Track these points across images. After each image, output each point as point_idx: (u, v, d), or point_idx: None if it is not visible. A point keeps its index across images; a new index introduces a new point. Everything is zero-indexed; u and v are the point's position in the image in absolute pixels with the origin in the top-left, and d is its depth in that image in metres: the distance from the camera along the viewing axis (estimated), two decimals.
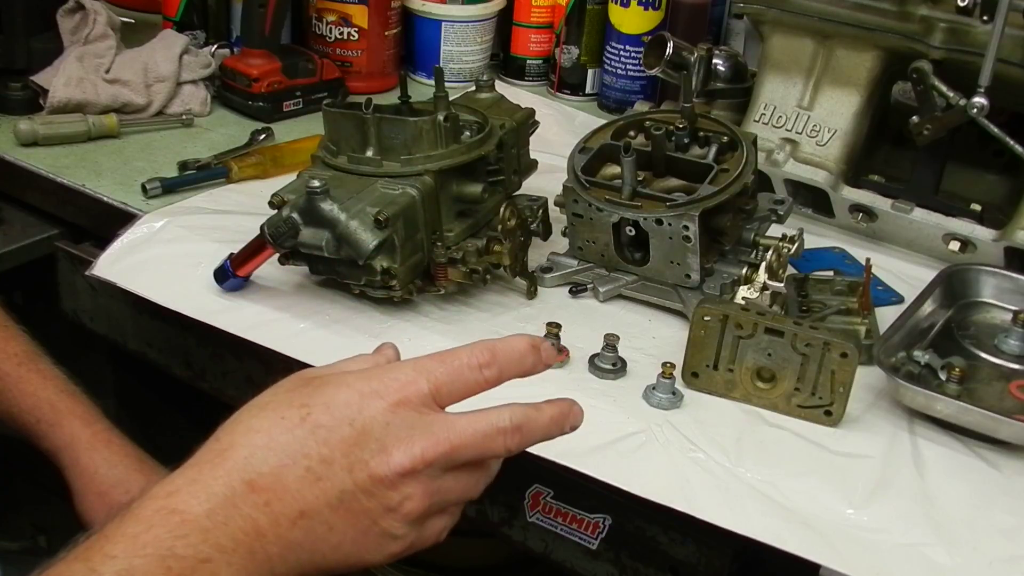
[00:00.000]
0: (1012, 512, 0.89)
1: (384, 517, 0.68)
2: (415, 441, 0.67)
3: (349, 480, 0.66)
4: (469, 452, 0.69)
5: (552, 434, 0.73)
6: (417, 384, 0.69)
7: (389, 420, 0.67)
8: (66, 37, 1.46)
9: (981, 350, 1.06)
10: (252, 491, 0.65)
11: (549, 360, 0.74)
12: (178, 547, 0.63)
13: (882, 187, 1.29)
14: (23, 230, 1.33)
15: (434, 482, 0.69)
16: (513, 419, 0.70)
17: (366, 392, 0.68)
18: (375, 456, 0.67)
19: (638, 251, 1.12)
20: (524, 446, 0.72)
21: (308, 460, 0.66)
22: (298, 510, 0.66)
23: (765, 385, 0.98)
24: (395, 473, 0.67)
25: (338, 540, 0.67)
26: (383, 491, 0.67)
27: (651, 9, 1.57)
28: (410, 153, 1.04)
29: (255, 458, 0.66)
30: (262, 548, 0.65)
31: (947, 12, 1.19)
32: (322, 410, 0.67)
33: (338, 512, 0.67)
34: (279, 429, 0.67)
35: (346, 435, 0.67)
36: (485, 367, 0.70)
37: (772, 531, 0.85)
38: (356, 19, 1.59)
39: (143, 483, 1.10)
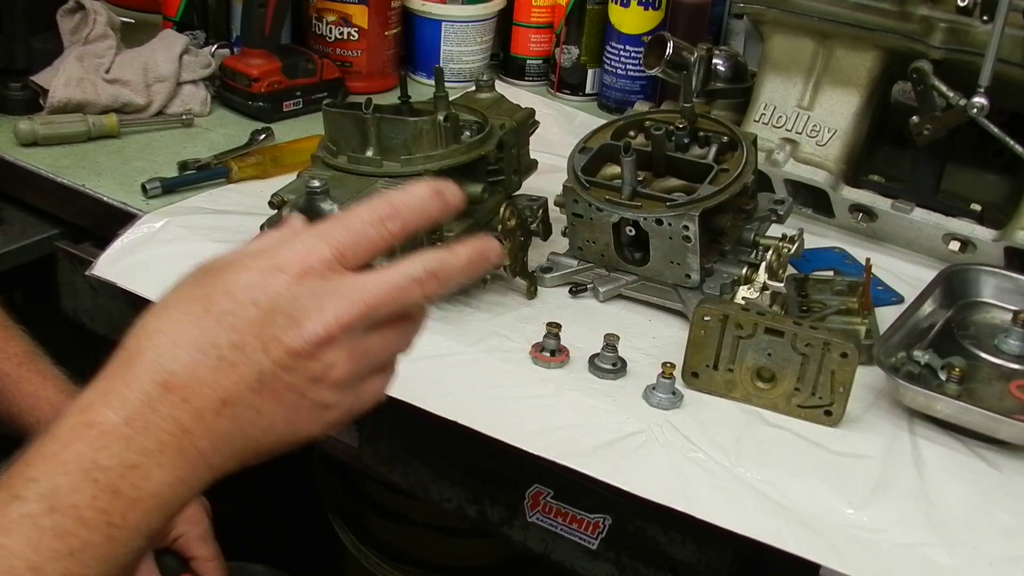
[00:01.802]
0: (1012, 512, 0.89)
1: (311, 389, 0.65)
2: (326, 308, 0.64)
3: (266, 360, 0.64)
4: (387, 308, 0.66)
5: (473, 274, 0.69)
6: (318, 251, 0.65)
7: (295, 293, 0.64)
8: (66, 37, 1.46)
9: (981, 350, 1.06)
10: (168, 391, 0.63)
11: (455, 201, 0.69)
12: (101, 458, 0.62)
13: (882, 187, 1.29)
14: (23, 230, 1.33)
15: (357, 344, 0.66)
16: (427, 266, 0.67)
17: (266, 269, 0.65)
18: (287, 331, 0.64)
19: (638, 251, 1.12)
20: (444, 291, 0.68)
21: (219, 349, 0.64)
22: (219, 400, 0.64)
23: (765, 385, 0.98)
24: (311, 343, 0.64)
25: (268, 421, 0.65)
26: (303, 363, 0.64)
27: (651, 9, 1.57)
28: (410, 153, 1.04)
29: (164, 358, 0.64)
30: (191, 445, 0.63)
31: (947, 12, 1.19)
32: (224, 297, 0.64)
33: (261, 394, 0.64)
34: (184, 324, 0.64)
35: (253, 317, 0.64)
36: (387, 220, 0.66)
37: (772, 531, 0.85)
38: (356, 19, 1.59)
39: None
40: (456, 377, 1.00)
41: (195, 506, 1.12)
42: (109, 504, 0.61)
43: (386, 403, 0.97)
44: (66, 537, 0.60)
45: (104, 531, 0.61)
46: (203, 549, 1.10)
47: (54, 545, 0.60)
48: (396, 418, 1.02)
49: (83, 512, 0.61)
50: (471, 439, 0.94)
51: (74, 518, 0.60)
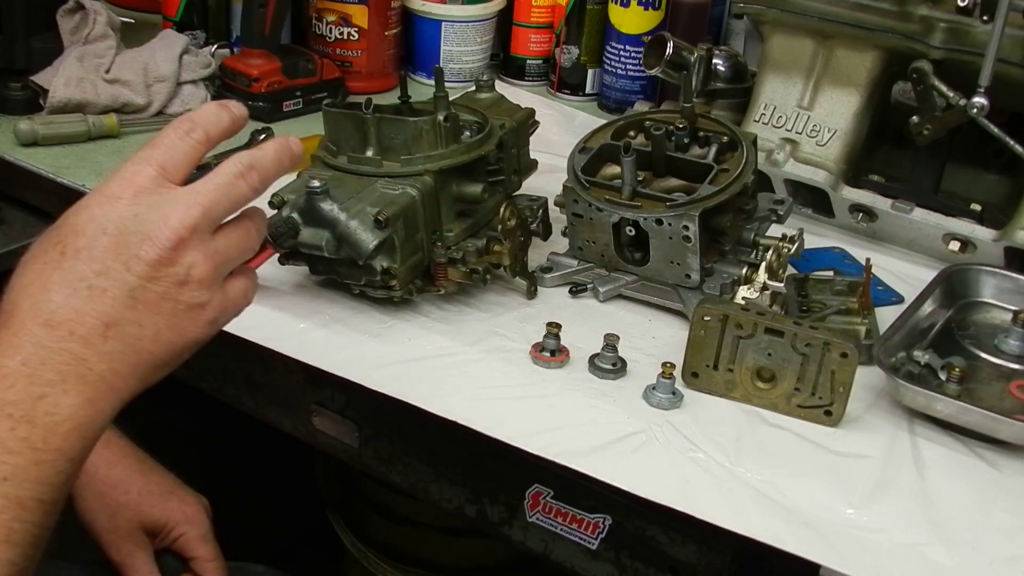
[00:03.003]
0: (1012, 512, 0.89)
1: (181, 291, 0.72)
2: (169, 216, 0.71)
3: (131, 277, 0.70)
4: (221, 205, 0.74)
5: (283, 163, 0.78)
6: (143, 171, 0.73)
7: (136, 212, 0.71)
8: (66, 37, 1.46)
9: (981, 350, 1.06)
10: (52, 328, 0.69)
11: (240, 112, 0.78)
12: (9, 396, 0.67)
13: (882, 187, 1.29)
14: (23, 230, 1.33)
15: (208, 245, 0.73)
16: (242, 161, 0.75)
17: (102, 201, 0.72)
18: (141, 245, 0.70)
19: (638, 251, 1.12)
20: (264, 182, 0.77)
21: (86, 281, 0.70)
22: (102, 324, 0.70)
23: (765, 385, 0.98)
24: (166, 249, 0.71)
25: (153, 332, 0.71)
26: (165, 270, 0.71)
27: (651, 9, 1.57)
28: (410, 153, 1.04)
29: (40, 303, 0.70)
30: (89, 370, 0.69)
31: (947, 12, 1.19)
32: (74, 237, 0.71)
33: (137, 309, 0.71)
34: (48, 270, 0.71)
35: (106, 244, 0.70)
36: (191, 131, 0.75)
37: (772, 531, 0.85)
38: (356, 19, 1.59)
39: (142, 483, 1.10)
40: (456, 377, 1.00)
41: (195, 506, 1.12)
42: (28, 432, 0.67)
43: (386, 403, 0.97)
44: None
45: (30, 456, 0.67)
46: (203, 549, 1.11)
47: None
48: (396, 418, 1.02)
49: (6, 442, 0.67)
50: (471, 439, 0.94)
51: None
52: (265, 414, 1.14)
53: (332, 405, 1.07)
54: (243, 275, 0.78)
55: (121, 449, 1.11)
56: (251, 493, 1.74)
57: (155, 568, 1.09)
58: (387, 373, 1.00)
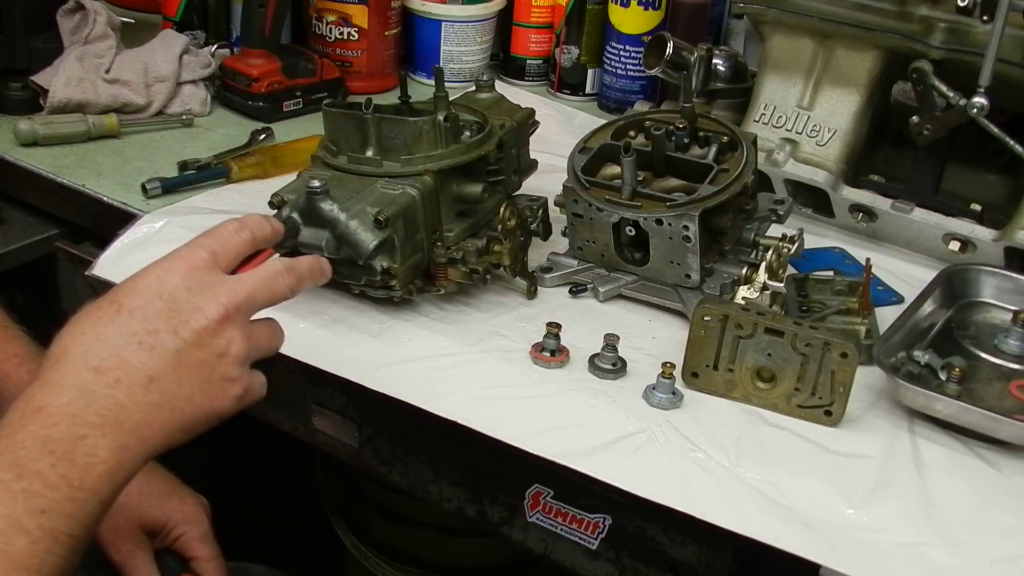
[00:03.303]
0: (1012, 512, 0.89)
1: (219, 363, 0.79)
2: (218, 294, 0.80)
3: (178, 340, 0.78)
4: (263, 295, 0.83)
5: (315, 274, 0.89)
6: (198, 254, 0.81)
7: (189, 284, 0.79)
8: (66, 37, 1.46)
9: (981, 350, 1.06)
10: (100, 374, 0.75)
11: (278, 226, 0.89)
12: (53, 433, 0.72)
13: (882, 187, 1.29)
14: (23, 230, 1.33)
15: (246, 327, 0.81)
16: (283, 264, 0.86)
17: (160, 272, 0.80)
18: (192, 314, 0.78)
19: (638, 251, 1.12)
20: (300, 285, 0.86)
21: (137, 336, 0.77)
22: (146, 376, 0.76)
23: (765, 385, 0.98)
24: (214, 321, 0.79)
25: (189, 393, 0.78)
26: (210, 339, 0.79)
27: (651, 9, 1.57)
28: (410, 153, 1.04)
29: (91, 351, 0.76)
30: (127, 417, 0.75)
31: (947, 12, 1.19)
32: (130, 297, 0.78)
33: (180, 369, 0.77)
34: (101, 324, 0.77)
35: (160, 307, 0.78)
36: (240, 231, 0.84)
37: (772, 531, 0.85)
38: (356, 19, 1.59)
39: (142, 484, 1.10)
40: (456, 377, 1.00)
41: (195, 506, 1.12)
42: (67, 470, 0.72)
43: (386, 403, 0.97)
44: (36, 498, 0.70)
45: (66, 492, 0.71)
46: (203, 549, 1.11)
47: (28, 504, 0.70)
48: (396, 418, 1.02)
49: (47, 477, 0.71)
50: (471, 439, 0.94)
51: (40, 483, 0.71)
52: (265, 414, 1.14)
53: (332, 405, 1.07)
54: (261, 374, 0.85)
55: None
56: (251, 493, 1.74)
57: (155, 568, 1.09)
58: (387, 373, 1.00)
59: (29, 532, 0.69)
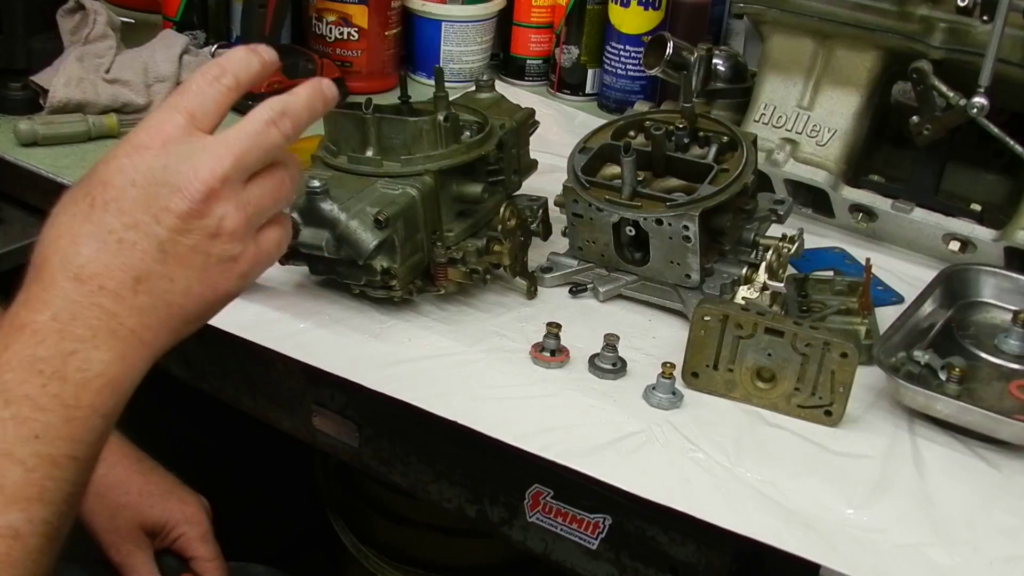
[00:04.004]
0: (1012, 512, 0.89)
1: (213, 244, 0.70)
2: (199, 167, 0.69)
3: (161, 230, 0.68)
4: (253, 153, 0.71)
5: (316, 108, 0.75)
6: (171, 119, 0.70)
7: (164, 162, 0.69)
8: (66, 37, 1.46)
9: (981, 350, 1.06)
10: (82, 282, 0.67)
11: (269, 56, 0.74)
12: (40, 352, 0.66)
13: (882, 187, 1.29)
14: (23, 230, 1.33)
15: (240, 195, 0.70)
16: (274, 108, 0.72)
17: (130, 151, 0.70)
18: (171, 197, 0.68)
19: (638, 251, 1.12)
20: (297, 128, 0.73)
21: (115, 234, 0.68)
22: (132, 278, 0.68)
23: (765, 385, 0.98)
24: (197, 202, 0.68)
25: (184, 286, 0.70)
26: (196, 222, 0.69)
27: (651, 9, 1.57)
28: (410, 153, 1.04)
29: (69, 256, 0.68)
30: (120, 324, 0.68)
31: (947, 12, 1.19)
32: (103, 188, 0.69)
33: (168, 263, 0.69)
34: (77, 223, 0.69)
35: (135, 196, 0.68)
36: (221, 77, 0.71)
37: (772, 531, 0.85)
38: (356, 19, 1.59)
39: (142, 484, 1.10)
40: (456, 377, 1.00)
41: (195, 506, 1.12)
42: (60, 389, 0.66)
43: (386, 403, 0.97)
44: (27, 423, 0.65)
45: (61, 413, 0.66)
46: (203, 549, 1.11)
47: (19, 431, 0.65)
48: (396, 418, 1.02)
49: (37, 399, 0.65)
50: (471, 439, 0.94)
51: (30, 406, 0.65)
52: (265, 414, 1.14)
53: (332, 405, 1.07)
54: (276, 224, 0.75)
55: (121, 449, 1.11)
56: (251, 493, 1.74)
57: (155, 568, 1.09)
58: (387, 373, 1.00)
59: (23, 461, 0.65)
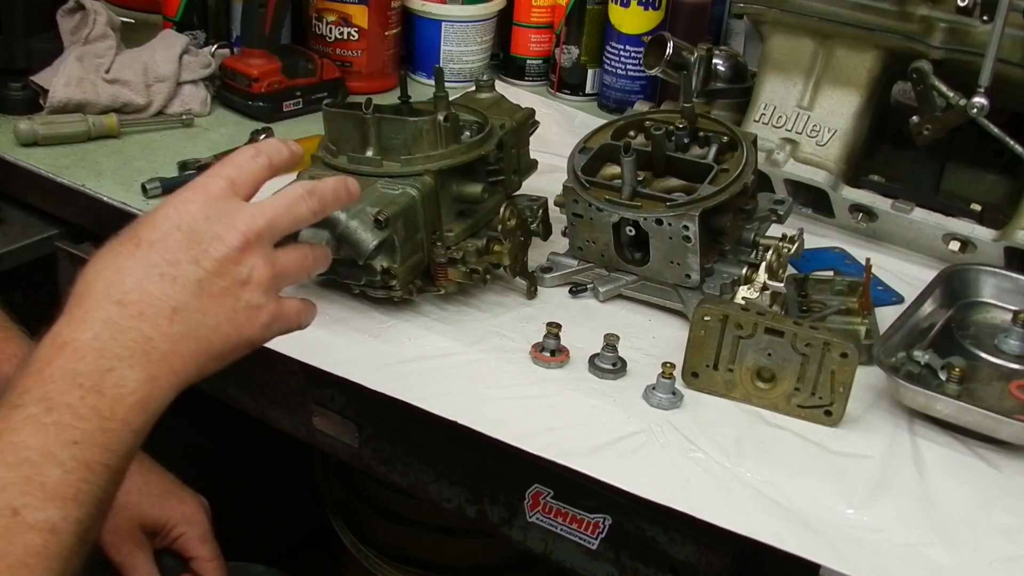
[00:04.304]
0: (1012, 512, 0.89)
1: (242, 290, 0.78)
2: (237, 222, 0.78)
3: (199, 269, 0.76)
4: (284, 220, 0.81)
5: (340, 195, 0.86)
6: (215, 182, 0.80)
7: (207, 214, 0.78)
8: (66, 37, 1.46)
9: (981, 350, 1.06)
10: (123, 307, 0.74)
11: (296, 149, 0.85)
12: (80, 367, 0.72)
13: (882, 187, 1.29)
14: (23, 230, 1.33)
15: (269, 253, 0.80)
16: (304, 187, 0.83)
17: (178, 203, 0.79)
18: (211, 243, 0.77)
19: (638, 251, 1.12)
20: (323, 208, 0.84)
21: (158, 268, 0.76)
22: (170, 308, 0.75)
23: (765, 385, 0.98)
24: (233, 249, 0.77)
25: (214, 322, 0.77)
26: (230, 268, 0.77)
27: (651, 9, 1.57)
28: (410, 153, 1.04)
29: (113, 285, 0.75)
30: (154, 349, 0.74)
31: (947, 12, 1.19)
32: (149, 230, 0.77)
33: (203, 298, 0.76)
34: (122, 258, 0.76)
35: (179, 238, 0.77)
36: (257, 156, 0.82)
37: (772, 531, 0.85)
38: (356, 19, 1.59)
39: (142, 484, 1.10)
40: (456, 377, 1.00)
41: (195, 506, 1.12)
42: (97, 402, 0.71)
43: (386, 403, 0.97)
44: (67, 429, 0.70)
45: (98, 423, 0.71)
46: (203, 549, 1.11)
47: (59, 436, 0.70)
48: (396, 418, 1.02)
49: (77, 409, 0.70)
50: (471, 439, 0.94)
51: (70, 414, 0.70)
52: (265, 414, 1.14)
53: (332, 405, 1.07)
54: (299, 301, 0.85)
55: None
56: (251, 493, 1.74)
57: (155, 568, 1.09)
58: (387, 373, 1.00)
59: (63, 463, 0.69)
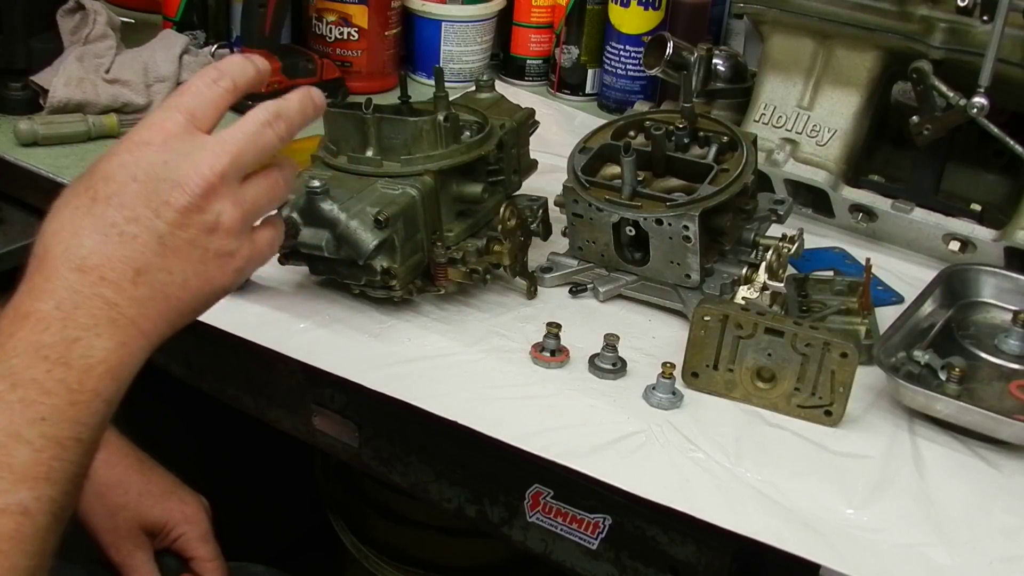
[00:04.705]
0: (1012, 512, 0.89)
1: (210, 239, 0.73)
2: (199, 163, 0.72)
3: (161, 224, 0.71)
4: (250, 153, 0.75)
5: (307, 113, 0.80)
6: (172, 118, 0.74)
7: (165, 158, 0.72)
8: (66, 37, 1.46)
9: (981, 350, 1.06)
10: (83, 273, 0.70)
11: (263, 65, 0.79)
12: (45, 339, 0.68)
13: (882, 187, 1.29)
14: (23, 230, 1.33)
15: (236, 193, 0.74)
16: (269, 110, 0.76)
17: (132, 147, 0.73)
18: (171, 192, 0.72)
19: (638, 251, 1.12)
20: (290, 131, 0.78)
21: (117, 227, 0.71)
22: (132, 270, 0.71)
23: (765, 385, 0.98)
24: (196, 196, 0.72)
25: (182, 278, 0.73)
26: (195, 217, 0.72)
27: (651, 9, 1.57)
28: (410, 153, 1.04)
29: (71, 248, 0.71)
30: (120, 315, 0.71)
31: (947, 12, 1.19)
32: (104, 183, 0.72)
33: (167, 256, 0.72)
34: (78, 216, 0.71)
35: (136, 190, 0.71)
36: (219, 79, 0.76)
37: (772, 531, 0.85)
38: (356, 19, 1.59)
39: (142, 483, 1.10)
40: (456, 377, 1.00)
41: (195, 506, 1.12)
42: (64, 374, 0.68)
43: (386, 403, 0.97)
44: (34, 406, 0.67)
45: (66, 397, 0.68)
46: (203, 549, 1.11)
47: (26, 413, 0.67)
48: (396, 418, 1.02)
49: (43, 383, 0.68)
50: (471, 439, 0.94)
51: (36, 389, 0.67)
52: (265, 414, 1.14)
53: (332, 405, 1.07)
54: (270, 225, 0.79)
55: (121, 449, 1.11)
56: (251, 493, 1.74)
57: (155, 568, 1.09)
58: (387, 373, 1.00)
59: (31, 442, 0.67)
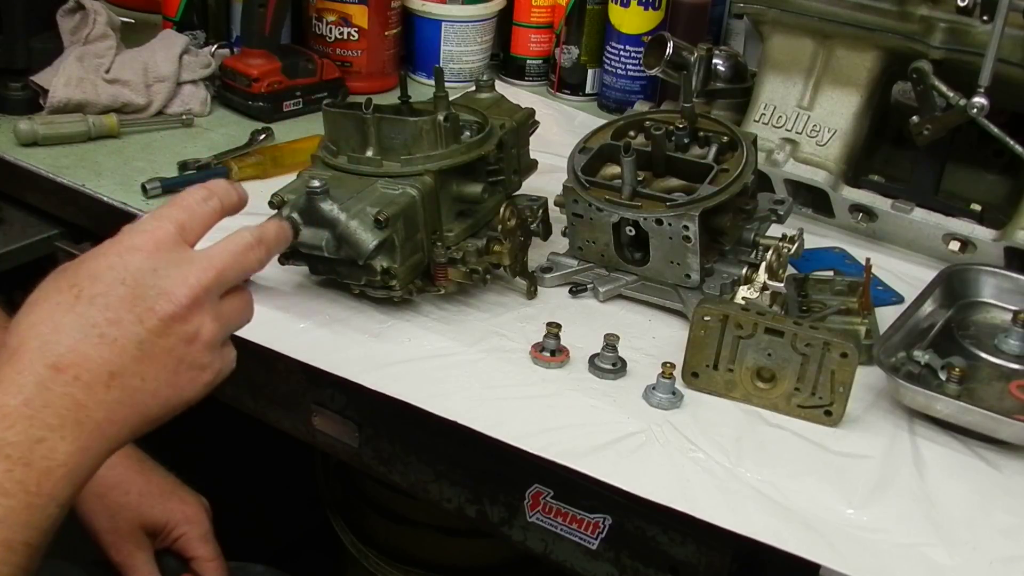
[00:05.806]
0: (1012, 512, 0.89)
1: (187, 350, 0.74)
2: (187, 275, 0.74)
3: (142, 330, 0.72)
4: (233, 271, 0.77)
5: (282, 242, 0.84)
6: (164, 227, 0.75)
7: (155, 266, 0.73)
8: (66, 37, 1.46)
9: (981, 350, 1.06)
10: (58, 371, 0.69)
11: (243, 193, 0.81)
12: (9, 436, 0.67)
13: (882, 187, 1.29)
14: (23, 230, 1.33)
15: (216, 307, 0.75)
16: (252, 235, 0.80)
17: (123, 251, 0.73)
18: (157, 300, 0.72)
19: (638, 251, 1.12)
20: (269, 256, 0.81)
21: (98, 328, 0.71)
22: (107, 373, 0.70)
23: (765, 385, 0.98)
24: (182, 307, 0.73)
25: (154, 387, 0.73)
26: (177, 327, 0.73)
27: (651, 9, 1.57)
28: (410, 153, 1.04)
29: (48, 344, 0.70)
30: (87, 417, 0.70)
31: (947, 12, 1.19)
32: (90, 282, 0.72)
33: (143, 362, 0.72)
34: (59, 313, 0.71)
35: (123, 294, 0.72)
36: (208, 199, 0.78)
37: (772, 531, 0.85)
38: (356, 19, 1.59)
39: (142, 484, 1.10)
40: (456, 377, 1.00)
41: (195, 506, 1.12)
42: (24, 475, 0.67)
43: (386, 403, 0.97)
44: None
45: (23, 499, 0.67)
46: (203, 549, 1.11)
47: None
48: (396, 418, 1.02)
49: (2, 484, 0.66)
50: (471, 439, 0.94)
51: None
52: (265, 414, 1.14)
53: (332, 405, 1.07)
54: (230, 345, 0.80)
55: (121, 450, 1.10)
56: (251, 493, 1.74)
57: (155, 568, 1.09)
58: (387, 373, 1.00)
59: None
